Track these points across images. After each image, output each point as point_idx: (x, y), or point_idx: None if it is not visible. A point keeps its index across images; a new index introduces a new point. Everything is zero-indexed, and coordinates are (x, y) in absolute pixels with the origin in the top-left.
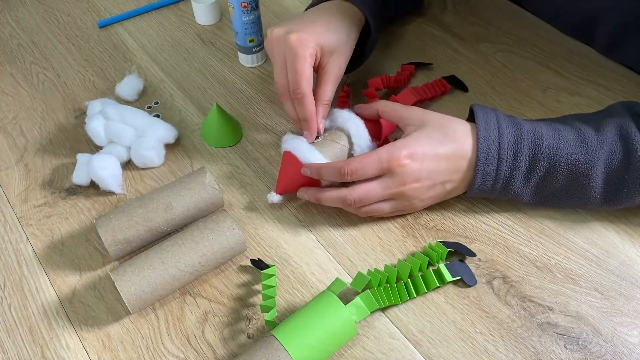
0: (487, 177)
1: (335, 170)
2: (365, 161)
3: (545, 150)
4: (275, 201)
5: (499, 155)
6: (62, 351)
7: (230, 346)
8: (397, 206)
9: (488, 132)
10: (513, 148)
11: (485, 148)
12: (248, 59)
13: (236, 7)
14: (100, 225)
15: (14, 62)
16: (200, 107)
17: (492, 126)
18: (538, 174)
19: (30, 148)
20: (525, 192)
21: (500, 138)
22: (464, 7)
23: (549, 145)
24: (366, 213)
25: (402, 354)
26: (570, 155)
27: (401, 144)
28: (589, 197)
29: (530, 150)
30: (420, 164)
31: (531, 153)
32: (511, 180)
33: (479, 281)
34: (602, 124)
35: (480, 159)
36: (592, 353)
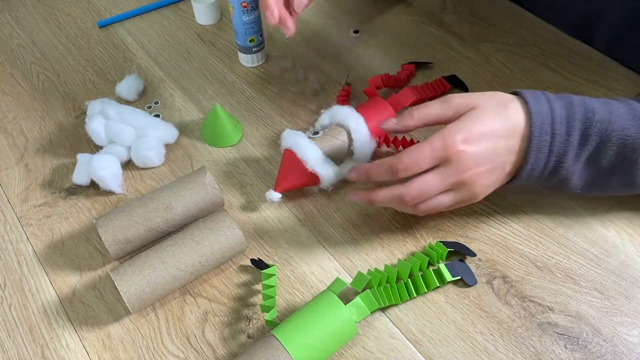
0: (540, 155)
1: (386, 169)
2: (417, 154)
3: (597, 125)
4: (275, 200)
5: (552, 130)
6: (62, 351)
7: (230, 346)
8: (458, 198)
9: (539, 106)
10: (566, 122)
11: (538, 122)
12: (248, 58)
13: (236, 7)
14: (100, 225)
15: (14, 62)
16: (200, 107)
17: (542, 101)
18: (588, 150)
19: (30, 148)
20: (576, 170)
21: (552, 112)
22: (464, 7)
23: (600, 119)
24: (425, 211)
25: (402, 354)
26: (622, 129)
27: (454, 129)
28: (636, 176)
29: (582, 124)
30: (478, 146)
31: (582, 127)
32: (564, 158)
33: (479, 281)
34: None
35: (535, 134)
36: (592, 353)
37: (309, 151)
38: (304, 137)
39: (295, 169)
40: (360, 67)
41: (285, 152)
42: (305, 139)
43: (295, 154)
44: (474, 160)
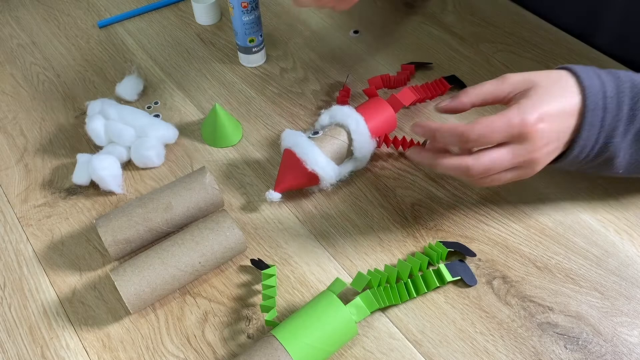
0: (593, 131)
1: (456, 135)
2: (493, 125)
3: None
4: (275, 200)
5: (604, 105)
6: (62, 351)
7: (230, 346)
8: (520, 174)
9: (591, 80)
10: (616, 96)
11: (592, 97)
12: (248, 59)
13: (236, 7)
14: (100, 225)
15: (14, 62)
16: (200, 107)
17: (593, 75)
18: (636, 125)
19: (30, 148)
20: (623, 147)
21: (603, 86)
22: (464, 7)
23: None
24: (486, 183)
25: (402, 354)
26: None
27: (530, 106)
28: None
29: (630, 99)
30: (550, 125)
31: (631, 102)
32: (614, 133)
33: (479, 281)
34: None
35: (589, 108)
36: (592, 353)
37: (309, 151)
38: (304, 137)
39: (295, 169)
40: (360, 67)
41: (285, 152)
42: (305, 138)
43: (295, 153)
44: (546, 139)
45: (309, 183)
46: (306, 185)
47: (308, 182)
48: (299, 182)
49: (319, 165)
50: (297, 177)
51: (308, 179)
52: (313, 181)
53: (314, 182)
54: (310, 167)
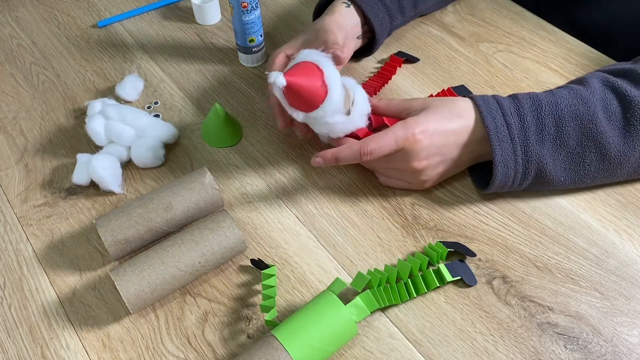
0: (505, 144)
1: (353, 152)
2: (382, 141)
3: (546, 108)
4: (279, 83)
5: (505, 122)
6: (62, 351)
7: (230, 346)
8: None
9: (488, 104)
10: (517, 112)
11: (491, 118)
12: (248, 59)
13: (236, 7)
14: (100, 225)
15: (14, 62)
16: (200, 107)
17: (490, 100)
18: (549, 131)
19: (30, 148)
20: (546, 153)
21: (501, 107)
22: (464, 7)
23: (547, 102)
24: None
25: (402, 354)
26: (570, 106)
27: (414, 122)
28: (605, 146)
29: (532, 110)
30: (430, 140)
31: (534, 113)
32: (527, 143)
33: (479, 281)
34: (584, 80)
35: (490, 128)
36: (592, 353)
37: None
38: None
39: (310, 72)
40: (360, 67)
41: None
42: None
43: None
44: (425, 152)
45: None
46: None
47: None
48: (306, 84)
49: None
50: (308, 78)
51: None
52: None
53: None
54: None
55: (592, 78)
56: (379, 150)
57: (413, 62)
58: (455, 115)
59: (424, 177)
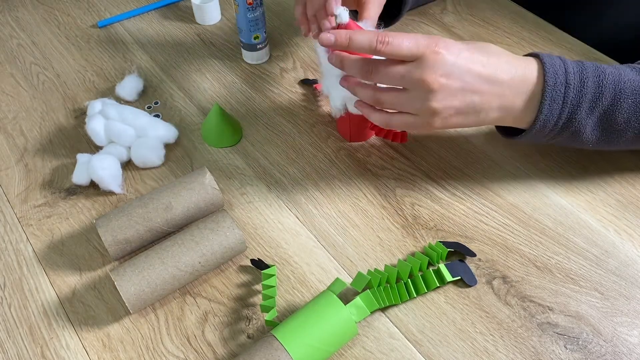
0: (555, 105)
1: (370, 38)
2: (402, 36)
3: (610, 78)
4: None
5: (566, 81)
6: (62, 351)
7: (230, 346)
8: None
9: (552, 60)
10: (579, 74)
11: (552, 73)
12: (253, 56)
13: (241, 4)
14: (100, 225)
15: (14, 62)
16: (200, 107)
17: (555, 58)
18: (603, 103)
19: (30, 148)
20: (588, 124)
21: (565, 65)
22: (464, 7)
23: (612, 73)
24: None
25: (402, 354)
26: (633, 81)
27: (439, 38)
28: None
29: (595, 77)
30: (455, 58)
31: (596, 81)
32: (577, 109)
33: (479, 281)
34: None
35: (549, 84)
36: (592, 353)
37: None
38: None
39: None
40: None
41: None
42: None
43: None
44: (446, 69)
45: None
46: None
47: None
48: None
49: None
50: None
51: None
52: None
53: None
54: None
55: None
56: (397, 44)
57: None
58: (488, 51)
59: (437, 104)
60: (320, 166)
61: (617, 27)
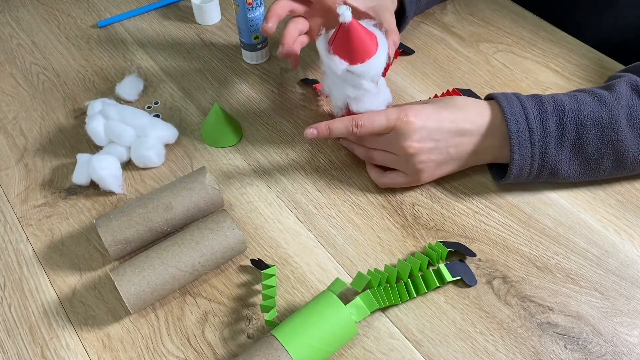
0: (524, 149)
1: (345, 123)
2: (373, 116)
3: (569, 114)
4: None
5: (528, 126)
6: (62, 351)
7: (230, 346)
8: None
9: (511, 106)
10: (540, 117)
11: (514, 122)
12: (252, 56)
13: (241, 4)
14: (100, 225)
15: (14, 62)
16: (200, 107)
17: (514, 102)
18: (569, 138)
19: (30, 148)
20: (562, 159)
21: (525, 110)
22: (464, 7)
23: (570, 108)
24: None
25: (402, 354)
26: (593, 113)
27: (408, 106)
28: (623, 153)
29: (555, 116)
30: (424, 122)
31: (557, 119)
32: (547, 148)
33: (479, 281)
34: (611, 85)
35: (512, 132)
36: (592, 353)
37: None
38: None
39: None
40: None
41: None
42: None
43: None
44: (419, 134)
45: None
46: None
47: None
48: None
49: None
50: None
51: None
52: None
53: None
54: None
55: (621, 82)
56: (369, 124)
57: (409, 54)
58: (452, 106)
59: (418, 165)
60: (320, 166)
61: (617, 27)
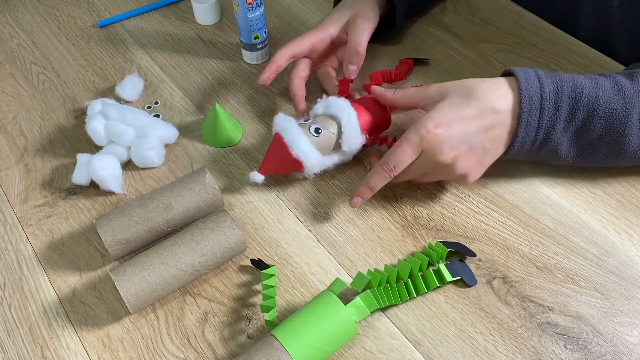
0: (530, 129)
1: (380, 173)
2: (399, 151)
3: (585, 100)
4: (258, 181)
5: (541, 106)
6: (62, 351)
7: (230, 346)
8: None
9: (529, 84)
10: (554, 98)
11: (528, 100)
12: (252, 56)
13: (241, 4)
14: (100, 225)
15: (14, 62)
16: (200, 107)
17: (533, 78)
18: (577, 122)
19: (30, 148)
20: (564, 141)
21: (541, 89)
22: (464, 7)
23: (588, 94)
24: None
25: (402, 354)
26: (608, 103)
27: (425, 119)
28: (623, 145)
29: (571, 99)
30: (449, 131)
31: (571, 103)
32: (552, 130)
33: (479, 281)
34: (635, 73)
35: (524, 110)
36: (592, 353)
37: (296, 138)
38: (293, 123)
39: (280, 152)
40: None
41: (275, 135)
42: (295, 125)
43: (282, 137)
44: (448, 143)
45: (292, 169)
46: (289, 171)
47: (291, 168)
48: (282, 167)
49: (303, 153)
50: (281, 161)
51: (291, 164)
52: (296, 168)
53: (298, 168)
54: (294, 154)
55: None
56: (400, 162)
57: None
58: (474, 98)
59: (461, 170)
60: None
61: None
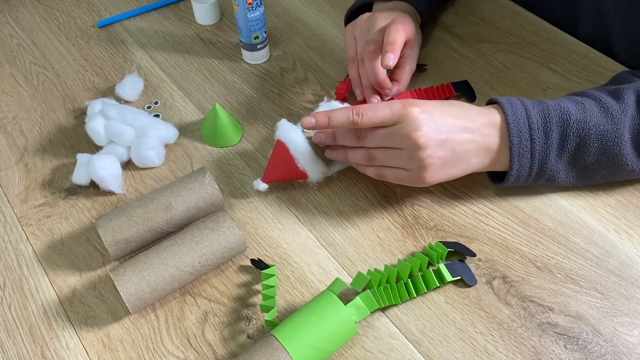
0: (523, 160)
1: (346, 112)
2: (376, 107)
3: (574, 125)
4: (262, 189)
5: (531, 137)
6: (62, 351)
7: (230, 346)
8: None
9: (516, 115)
10: (543, 127)
11: (517, 132)
12: (253, 56)
13: (241, 4)
14: (100, 225)
15: (14, 62)
16: (200, 107)
17: (519, 109)
18: (569, 149)
19: (30, 148)
20: (560, 168)
21: (529, 120)
22: (464, 7)
23: (576, 119)
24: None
25: (402, 354)
26: (597, 126)
27: (411, 99)
28: (621, 165)
29: (559, 126)
30: (430, 115)
31: (561, 130)
32: (546, 160)
33: (479, 281)
34: (619, 92)
35: (514, 143)
36: (592, 353)
37: (304, 150)
38: (298, 132)
39: (284, 163)
40: None
41: (278, 143)
42: (300, 134)
43: (289, 149)
44: (428, 126)
45: (296, 178)
46: (293, 179)
47: (295, 177)
48: (286, 176)
49: (309, 165)
50: (286, 171)
51: (296, 175)
52: (301, 177)
53: (302, 178)
54: (301, 166)
55: (629, 91)
56: (372, 113)
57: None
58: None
59: (427, 159)
60: None
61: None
